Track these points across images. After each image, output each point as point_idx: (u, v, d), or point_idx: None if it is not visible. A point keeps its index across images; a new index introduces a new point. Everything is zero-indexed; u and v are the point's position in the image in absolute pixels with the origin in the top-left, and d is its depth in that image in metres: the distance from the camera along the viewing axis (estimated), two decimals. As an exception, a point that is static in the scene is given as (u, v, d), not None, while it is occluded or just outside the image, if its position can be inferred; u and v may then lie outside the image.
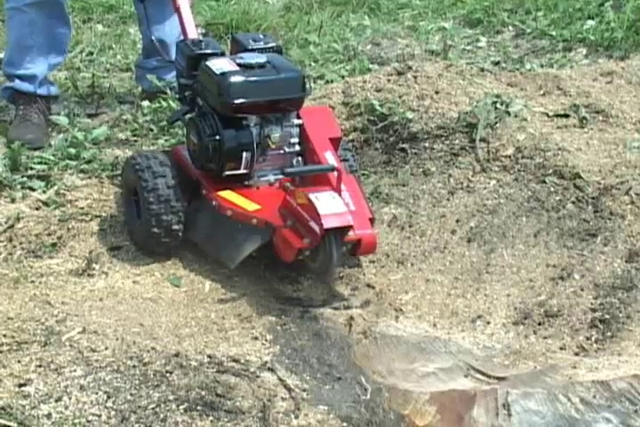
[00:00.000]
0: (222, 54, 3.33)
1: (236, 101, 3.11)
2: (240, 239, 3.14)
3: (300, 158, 3.26)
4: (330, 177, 3.11)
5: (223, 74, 3.13)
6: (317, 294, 3.17)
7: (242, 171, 3.20)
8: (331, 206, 2.93)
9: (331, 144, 3.25)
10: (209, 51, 3.31)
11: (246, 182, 3.26)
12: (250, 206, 3.16)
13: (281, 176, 3.22)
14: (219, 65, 3.18)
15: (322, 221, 2.89)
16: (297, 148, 3.25)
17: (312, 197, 2.95)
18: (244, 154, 3.17)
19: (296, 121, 3.24)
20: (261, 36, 3.38)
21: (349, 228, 2.95)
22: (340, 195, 3.00)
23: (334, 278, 3.11)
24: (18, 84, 4.09)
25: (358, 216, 3.02)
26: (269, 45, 3.34)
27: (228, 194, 3.21)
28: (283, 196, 3.08)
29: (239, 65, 3.17)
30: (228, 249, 3.18)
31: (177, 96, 3.44)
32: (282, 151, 3.24)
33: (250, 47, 3.32)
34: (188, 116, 3.40)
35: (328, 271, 3.07)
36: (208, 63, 3.20)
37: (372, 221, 3.16)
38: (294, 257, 3.00)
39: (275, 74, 3.16)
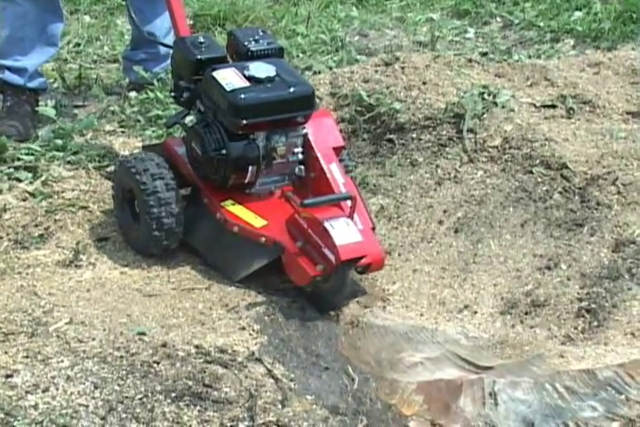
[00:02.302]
0: (225, 58, 3.23)
1: (246, 121, 3.04)
2: (247, 255, 3.11)
3: (302, 167, 3.20)
4: (334, 188, 3.09)
5: (233, 91, 3.03)
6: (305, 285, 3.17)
7: (246, 182, 3.16)
8: (346, 236, 2.89)
9: (335, 154, 3.20)
10: (212, 55, 3.21)
11: (247, 191, 3.21)
12: (256, 222, 3.10)
13: (282, 184, 3.20)
14: (228, 79, 3.07)
15: (339, 254, 2.86)
16: (300, 156, 3.19)
17: (327, 225, 2.90)
18: (250, 168, 3.11)
19: (302, 131, 3.17)
20: (261, 33, 3.27)
21: (364, 256, 2.94)
22: (352, 220, 2.96)
23: (343, 300, 3.07)
24: (7, 75, 4.06)
25: (367, 236, 2.99)
26: (271, 47, 3.23)
27: (232, 207, 3.16)
28: (286, 208, 3.05)
29: (248, 79, 3.07)
30: (233, 262, 3.15)
31: (172, 94, 3.36)
32: (285, 160, 3.18)
33: (252, 49, 3.20)
34: (189, 121, 3.32)
35: (339, 294, 3.04)
36: (215, 75, 3.09)
37: (373, 230, 3.15)
38: (308, 283, 2.98)
39: (286, 90, 3.07)
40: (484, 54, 4.89)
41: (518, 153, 3.66)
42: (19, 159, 3.65)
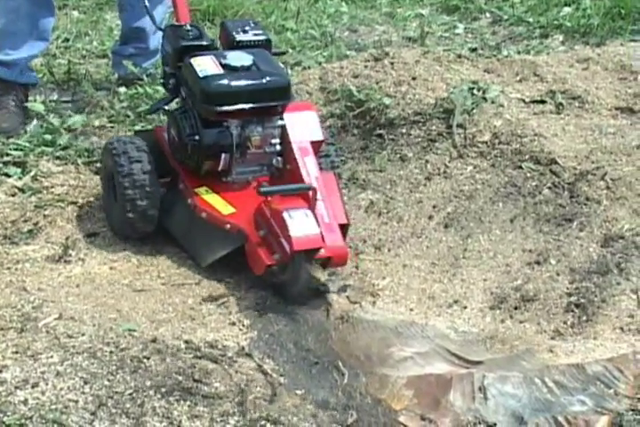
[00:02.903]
0: (210, 46, 3.23)
1: (218, 109, 3.06)
2: (214, 241, 3.14)
3: (279, 158, 3.20)
4: (306, 181, 3.08)
5: (205, 78, 3.06)
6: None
7: (220, 169, 3.18)
8: (303, 227, 2.91)
9: (312, 148, 3.19)
10: (197, 43, 3.22)
11: (224, 179, 3.22)
12: (225, 209, 3.13)
13: (260, 174, 3.21)
14: (202, 66, 3.09)
15: (292, 244, 2.89)
16: (278, 148, 3.19)
17: (285, 215, 2.92)
18: (223, 155, 3.14)
19: (278, 122, 3.17)
20: (252, 25, 3.28)
21: (320, 248, 2.94)
22: (313, 212, 2.97)
23: (305, 294, 3.02)
24: None
25: (330, 230, 2.99)
26: (258, 38, 3.24)
27: (204, 193, 3.19)
28: (259, 198, 3.05)
29: (223, 66, 3.09)
30: (202, 248, 3.18)
31: (161, 81, 3.39)
32: (262, 151, 3.18)
33: (238, 39, 3.22)
34: (171, 106, 3.34)
35: (297, 286, 3.02)
36: (192, 61, 3.11)
37: (346, 226, 3.15)
38: (263, 272, 2.99)
39: (259, 79, 3.08)
40: (474, 50, 4.90)
41: (508, 148, 3.67)
42: (7, 155, 3.65)
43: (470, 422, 2.54)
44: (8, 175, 3.52)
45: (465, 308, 3.15)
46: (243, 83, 3.09)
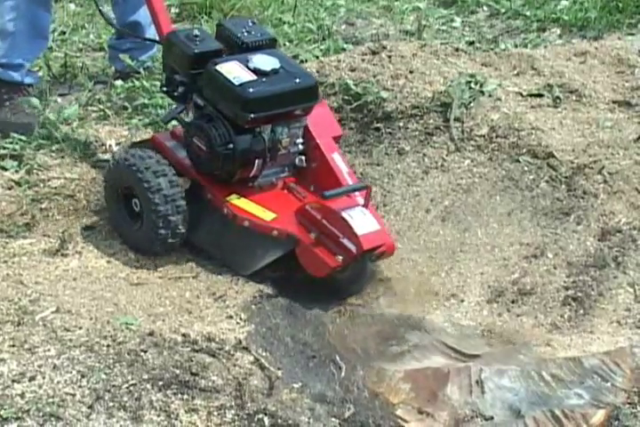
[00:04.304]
0: (221, 51, 3.16)
1: (256, 115, 3.00)
2: (258, 248, 3.08)
3: (302, 157, 3.18)
4: (339, 178, 3.09)
5: (242, 85, 2.99)
6: (292, 274, 3.17)
7: (251, 175, 3.13)
8: (365, 225, 2.91)
9: (335, 144, 3.19)
10: (209, 49, 3.15)
11: (250, 184, 3.17)
12: (266, 215, 3.08)
13: (283, 175, 3.18)
14: (233, 72, 3.03)
15: (361, 243, 2.88)
16: (301, 147, 3.17)
17: (345, 215, 2.92)
18: (257, 160, 3.09)
19: (304, 122, 3.16)
20: (251, 24, 3.23)
21: (384, 244, 2.96)
22: (368, 209, 2.98)
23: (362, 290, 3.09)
24: (3, 73, 3.95)
25: (381, 224, 3.01)
26: (265, 38, 3.20)
27: (238, 201, 3.13)
28: (290, 199, 3.05)
29: (253, 71, 3.03)
30: (243, 257, 3.11)
31: (164, 89, 3.29)
32: (286, 151, 3.15)
33: (245, 40, 3.16)
34: (191, 119, 3.22)
35: (358, 284, 3.05)
36: (219, 68, 3.04)
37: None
38: (327, 274, 2.98)
39: (292, 82, 3.05)
40: (471, 43, 4.89)
41: (505, 142, 3.67)
42: (4, 148, 3.64)
43: (467, 416, 2.55)
44: (5, 169, 3.51)
45: (462, 301, 3.15)
46: (278, 87, 3.04)
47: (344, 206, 2.95)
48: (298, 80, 3.06)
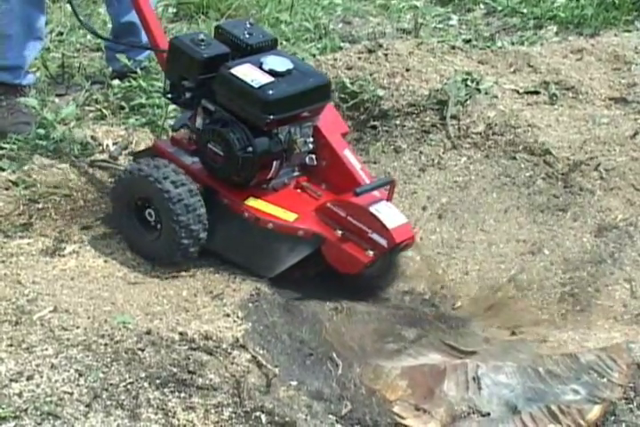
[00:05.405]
0: (228, 55, 3.12)
1: (275, 117, 2.98)
2: (282, 249, 3.06)
3: (312, 156, 3.16)
4: (355, 175, 3.09)
5: (261, 88, 2.97)
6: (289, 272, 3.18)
7: (269, 177, 3.12)
8: (394, 219, 2.94)
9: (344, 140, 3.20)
10: (217, 53, 3.10)
11: (265, 186, 3.15)
12: (288, 216, 3.07)
13: (293, 175, 3.18)
14: (249, 75, 3.00)
15: (393, 237, 2.90)
16: (311, 146, 3.16)
17: (373, 210, 2.94)
18: (275, 162, 3.08)
19: (316, 121, 3.15)
20: (249, 25, 3.20)
21: (412, 236, 2.99)
22: (391, 202, 3.00)
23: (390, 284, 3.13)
24: (1, 75, 3.95)
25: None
26: (268, 39, 3.18)
27: (257, 204, 3.10)
28: (306, 198, 3.06)
29: (269, 73, 3.01)
30: (267, 259, 3.09)
31: (168, 96, 3.24)
32: (298, 151, 3.13)
33: (251, 43, 3.13)
34: (200, 124, 3.16)
35: (387, 278, 3.08)
36: (234, 72, 3.02)
37: None
38: (361, 270, 2.98)
39: (306, 82, 3.04)
40: (468, 41, 4.89)
41: (501, 139, 3.67)
42: (1, 148, 3.65)
43: (464, 412, 2.55)
44: (2, 169, 3.51)
45: (459, 298, 3.15)
46: (296, 87, 3.03)
47: (369, 202, 2.96)
48: (312, 79, 3.06)
